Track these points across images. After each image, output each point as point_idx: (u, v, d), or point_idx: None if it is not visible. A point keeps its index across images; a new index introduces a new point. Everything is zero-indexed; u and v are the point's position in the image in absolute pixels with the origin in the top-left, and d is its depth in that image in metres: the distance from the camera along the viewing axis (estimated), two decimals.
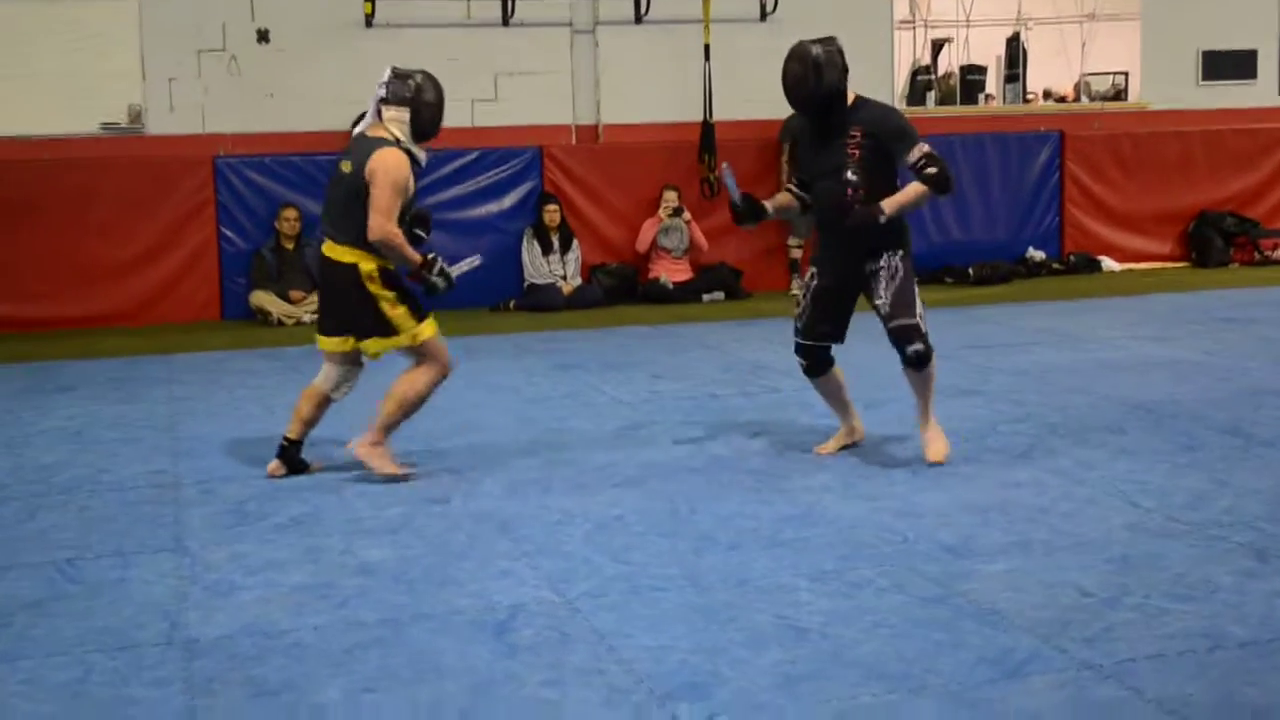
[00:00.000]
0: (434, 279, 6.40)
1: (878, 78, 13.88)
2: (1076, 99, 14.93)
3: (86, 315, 11.84)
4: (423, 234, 6.51)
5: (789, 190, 6.89)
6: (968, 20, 14.68)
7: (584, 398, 8.44)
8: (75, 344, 10.91)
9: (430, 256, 6.39)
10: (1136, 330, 10.52)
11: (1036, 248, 14.24)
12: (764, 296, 12.92)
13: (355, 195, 6.18)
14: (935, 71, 14.63)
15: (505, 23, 12.73)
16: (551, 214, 12.63)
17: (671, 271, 12.91)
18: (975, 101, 14.69)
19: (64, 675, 4.21)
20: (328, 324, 6.44)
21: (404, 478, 6.42)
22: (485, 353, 10.14)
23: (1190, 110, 14.86)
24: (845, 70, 6.55)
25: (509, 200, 12.85)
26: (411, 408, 6.39)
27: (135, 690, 4.08)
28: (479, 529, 5.72)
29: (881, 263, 6.55)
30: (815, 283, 6.74)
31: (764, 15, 13.42)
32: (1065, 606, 4.61)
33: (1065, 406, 7.76)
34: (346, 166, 6.22)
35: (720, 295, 12.81)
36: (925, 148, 6.52)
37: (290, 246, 12.09)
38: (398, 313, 6.28)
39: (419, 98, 6.26)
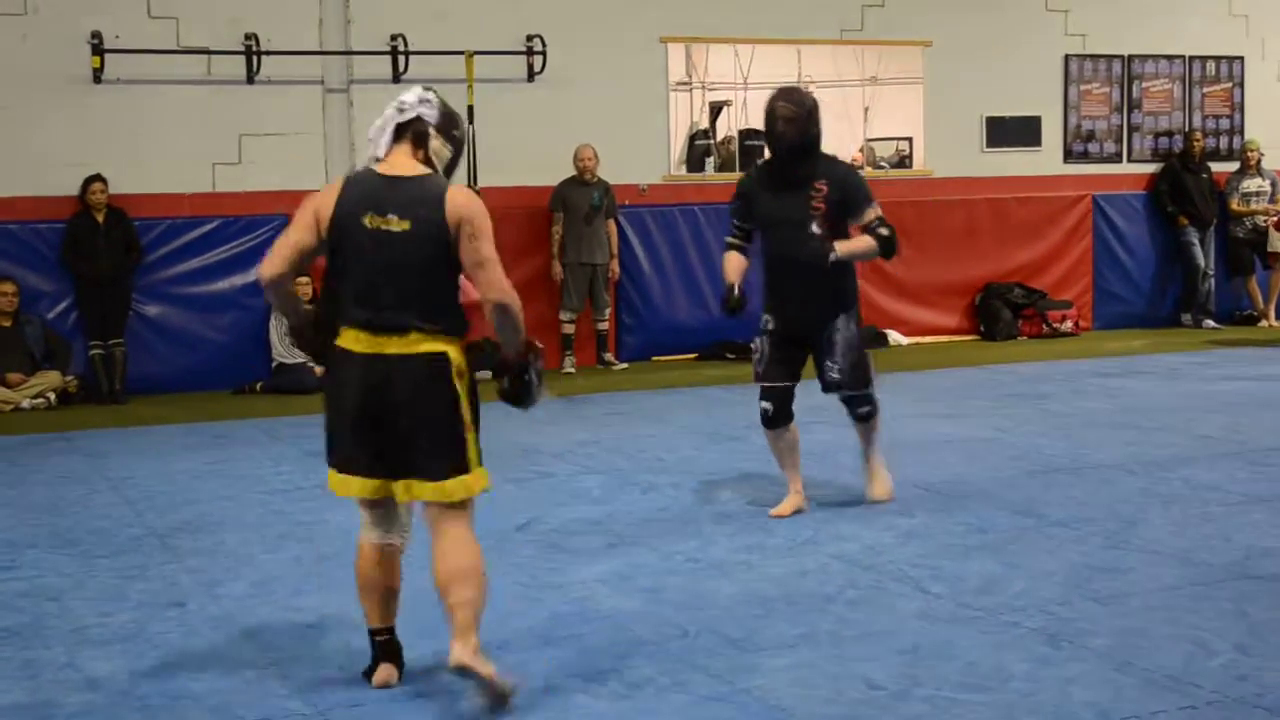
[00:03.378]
0: (534, 377, 5.16)
1: (653, 142, 14.13)
2: (862, 165, 15.34)
3: None
4: None
5: (732, 244, 7.40)
6: (746, 83, 14.99)
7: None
8: None
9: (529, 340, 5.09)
10: (925, 406, 10.82)
11: None
12: None
13: (431, 258, 4.70)
14: (714, 136, 14.90)
15: (250, 80, 12.59)
16: (303, 287, 12.47)
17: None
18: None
19: None
20: (367, 456, 4.75)
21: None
22: (230, 440, 9.95)
23: (975, 178, 15.42)
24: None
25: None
26: (484, 583, 4.84)
27: None
28: (220, 635, 5.58)
29: (838, 325, 7.16)
30: (771, 328, 7.27)
31: (531, 76, 13.53)
32: (854, 701, 4.69)
33: (850, 488, 7.92)
34: (398, 223, 4.67)
35: (486, 375, 12.74)
36: (879, 210, 7.14)
37: (7, 324, 11.70)
38: (472, 438, 4.85)
39: (461, 142, 5.02)
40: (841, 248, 7.05)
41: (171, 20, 12.46)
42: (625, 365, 13.54)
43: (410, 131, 4.87)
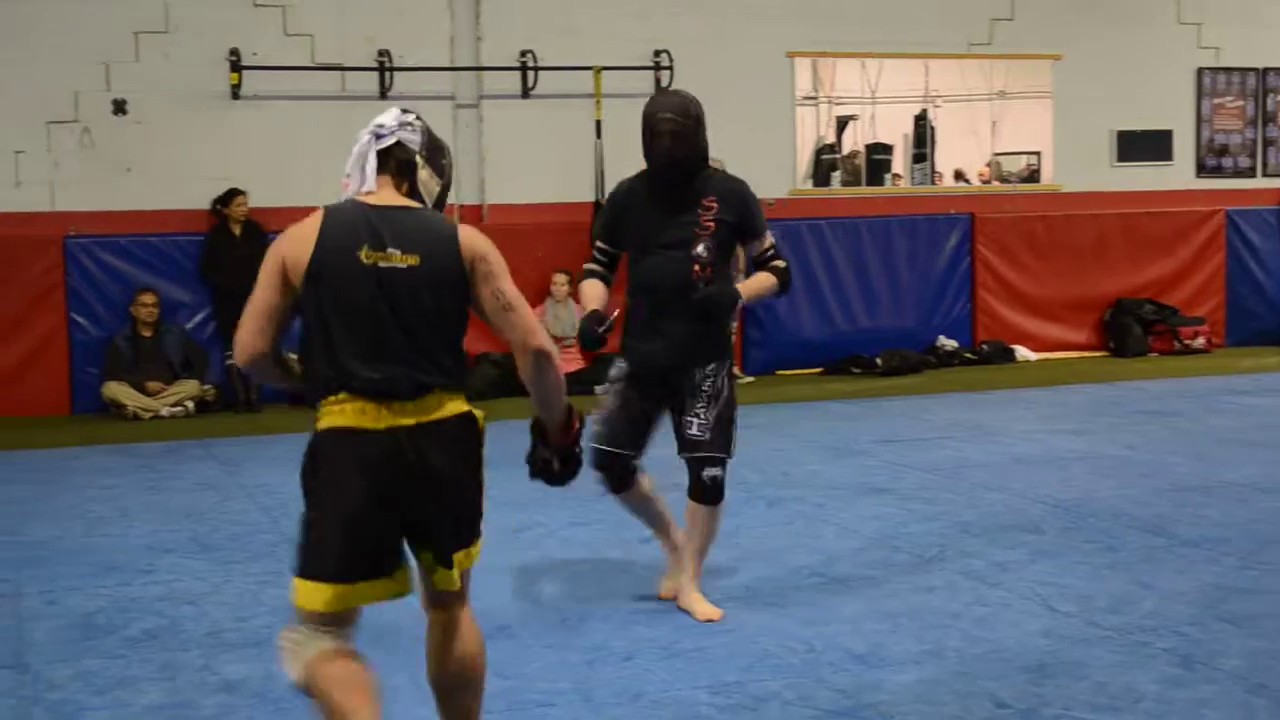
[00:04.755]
0: (578, 442, 4.41)
1: (780, 156, 14.10)
2: (989, 180, 15.21)
3: None
4: None
5: (594, 271, 6.08)
6: (873, 97, 14.92)
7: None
8: None
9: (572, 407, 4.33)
10: (1053, 424, 10.69)
11: (947, 336, 14.44)
12: None
13: (446, 301, 3.93)
14: (840, 150, 14.85)
15: (383, 96, 12.75)
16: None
17: (562, 362, 12.90)
18: (882, 182, 14.90)
19: None
20: (375, 554, 3.88)
21: None
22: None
23: (1105, 193, 15.21)
24: None
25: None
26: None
27: None
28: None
29: (709, 372, 5.88)
30: (630, 378, 5.96)
31: (659, 90, 13.56)
32: (980, 719, 4.64)
33: (979, 505, 7.85)
34: (402, 257, 3.87)
35: None
36: (772, 238, 6.12)
37: (148, 334, 11.94)
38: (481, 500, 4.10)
39: (450, 174, 4.24)
40: (746, 290, 5.94)
41: (307, 38, 12.68)
42: (751, 379, 13.50)
43: (392, 160, 4.07)
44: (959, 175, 15.22)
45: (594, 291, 6.01)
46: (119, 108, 12.22)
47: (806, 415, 11.45)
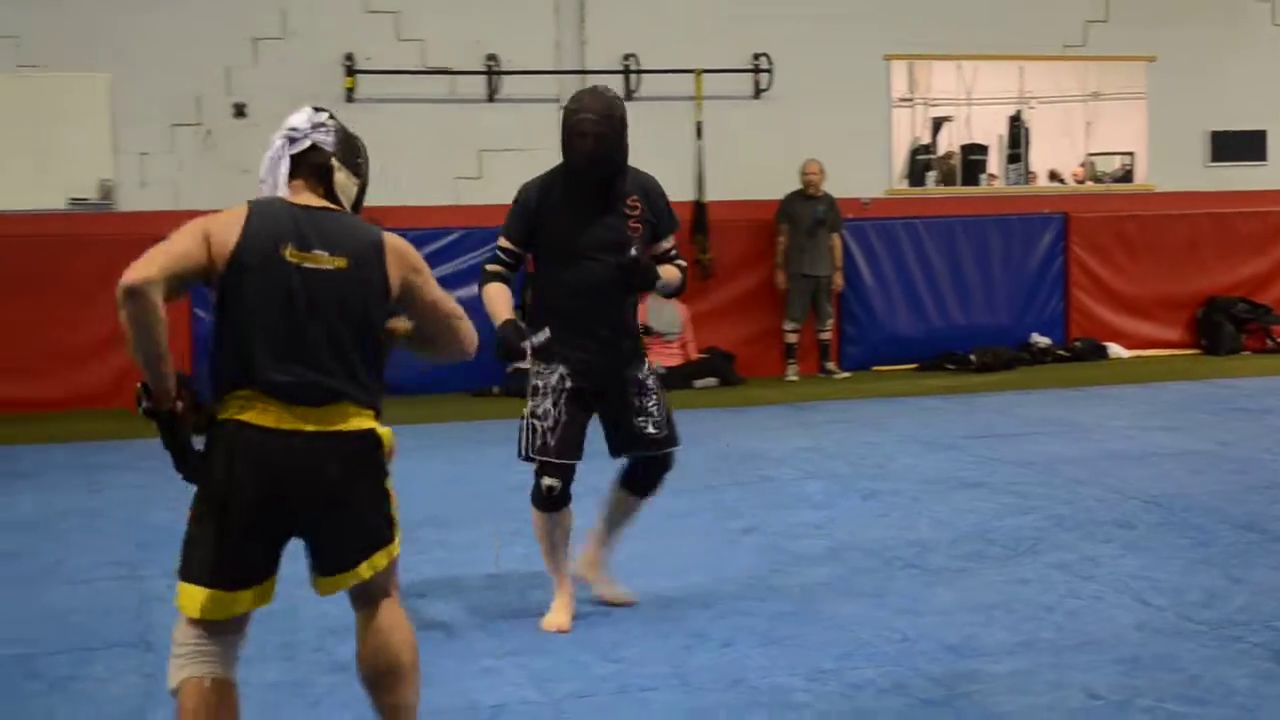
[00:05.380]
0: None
1: (876, 157, 14.04)
2: (1083, 180, 15.04)
3: (51, 398, 11.81)
4: None
5: (497, 273, 5.62)
6: (968, 98, 14.80)
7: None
8: (36, 428, 10.86)
9: None
10: (1146, 420, 10.55)
11: (1041, 333, 14.30)
12: (758, 383, 12.94)
13: (368, 309, 3.78)
14: (935, 150, 14.75)
15: (490, 99, 12.84)
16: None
17: (662, 356, 12.92)
18: (977, 182, 14.78)
19: None
20: (263, 559, 3.73)
21: None
22: (469, 440, 10.12)
23: (1198, 192, 14.98)
24: None
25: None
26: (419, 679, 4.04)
27: None
28: (461, 624, 5.69)
29: (645, 371, 5.72)
30: (569, 385, 5.56)
31: (758, 93, 13.55)
32: (1073, 710, 4.59)
33: (1072, 500, 7.76)
34: (329, 259, 3.71)
35: (713, 381, 12.82)
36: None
37: None
38: (394, 503, 3.92)
39: (366, 173, 4.02)
40: (664, 275, 5.66)
41: (418, 43, 12.78)
42: (847, 374, 13.45)
43: (306, 165, 3.85)
44: (1053, 175, 15.06)
45: (504, 297, 5.55)
46: (239, 111, 12.39)
47: (901, 410, 11.38)
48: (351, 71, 12.55)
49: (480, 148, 12.83)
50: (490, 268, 5.65)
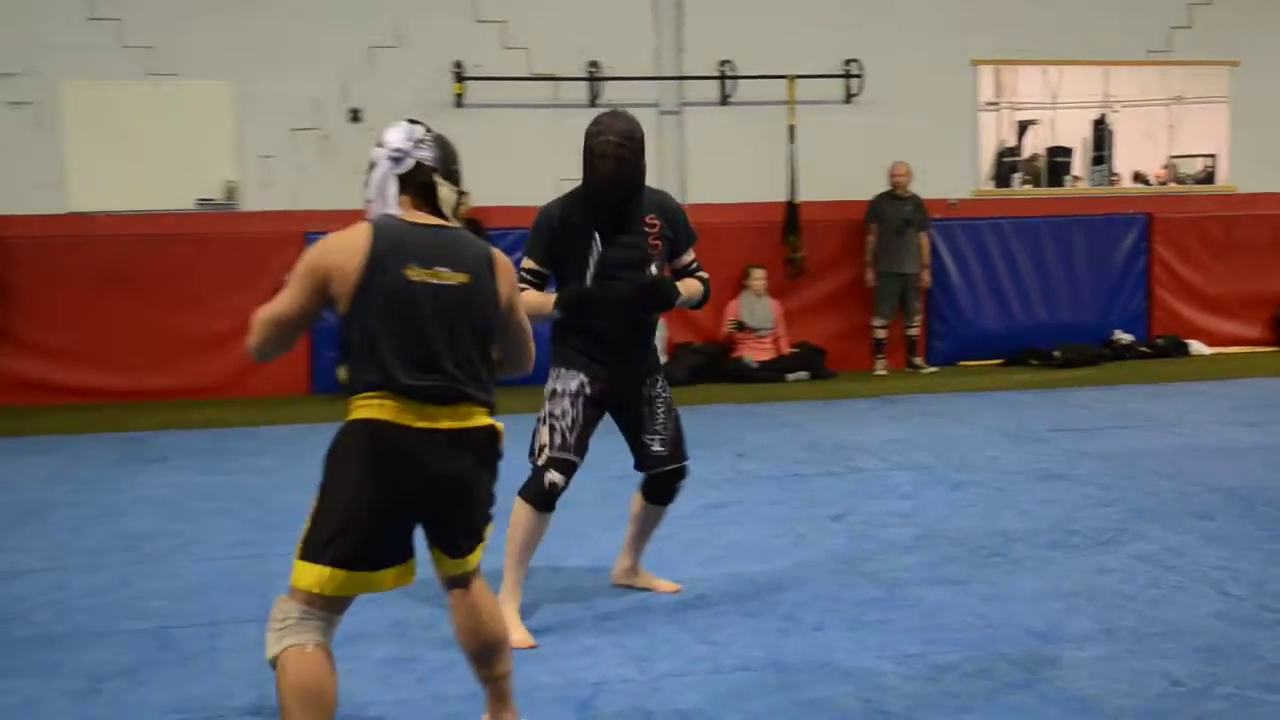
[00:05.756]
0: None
1: (963, 159, 13.94)
2: (1166, 181, 14.83)
3: (178, 387, 12.03)
4: None
5: (531, 283, 5.46)
6: (1054, 102, 14.65)
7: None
8: (168, 415, 11.07)
9: None
10: (1226, 415, 10.39)
11: (1124, 330, 14.13)
12: (848, 376, 12.90)
13: (485, 319, 3.93)
14: (1021, 153, 14.61)
15: (592, 104, 12.87)
16: None
17: (756, 351, 12.93)
18: (1061, 183, 14.64)
19: None
20: (391, 544, 3.83)
21: None
22: None
23: (1279, 194, 14.73)
24: None
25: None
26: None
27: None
28: (562, 605, 5.73)
29: (659, 389, 5.63)
30: (588, 392, 5.47)
31: (849, 97, 13.50)
32: (1154, 696, 4.54)
33: (1153, 491, 7.67)
34: (450, 275, 3.83)
35: (804, 375, 12.79)
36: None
37: None
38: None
39: (460, 180, 4.10)
40: (685, 290, 5.53)
41: (524, 50, 12.86)
42: (934, 369, 13.38)
43: (413, 183, 3.93)
44: (1137, 177, 14.87)
45: (540, 296, 5.44)
46: (355, 115, 12.53)
47: (986, 404, 11.29)
48: (461, 78, 12.66)
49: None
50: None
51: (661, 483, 5.74)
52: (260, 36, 12.40)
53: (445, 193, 3.93)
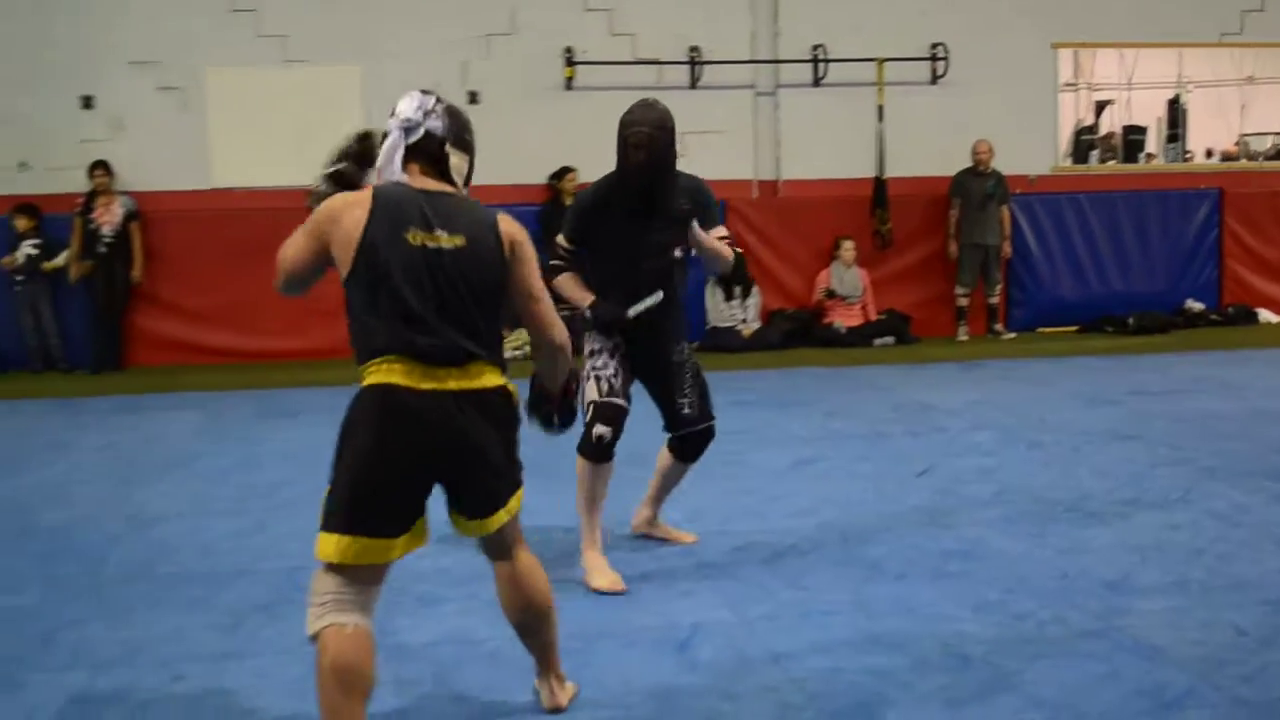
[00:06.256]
0: (578, 403, 4.40)
1: (1042, 137, 13.71)
2: (1237, 158, 14.51)
3: (309, 348, 12.18)
4: None
5: (563, 266, 5.45)
6: (1129, 83, 14.37)
7: (761, 433, 8.42)
8: (300, 374, 11.23)
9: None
10: None
11: (1195, 299, 13.85)
12: (931, 342, 12.77)
13: (487, 281, 3.67)
14: (1098, 131, 14.36)
15: (693, 85, 12.84)
16: None
17: (845, 317, 12.85)
18: (1136, 160, 14.37)
19: (291, 672, 4.32)
20: (408, 511, 3.63)
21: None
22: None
23: None
24: None
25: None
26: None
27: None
28: (663, 552, 5.74)
29: (686, 354, 5.54)
30: (623, 351, 5.44)
31: (935, 79, 13.32)
32: (1221, 644, 4.46)
33: (1223, 452, 7.52)
34: (448, 239, 3.62)
35: (890, 340, 12.68)
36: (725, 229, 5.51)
37: None
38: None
39: (473, 149, 3.89)
40: (706, 241, 5.34)
41: (629, 36, 12.82)
42: (1013, 335, 13.22)
43: (421, 152, 3.74)
44: (1209, 153, 14.56)
45: (576, 281, 5.42)
46: (472, 98, 12.56)
47: (1063, 369, 11.13)
48: (571, 62, 12.66)
49: (683, 130, 12.68)
50: (555, 262, 5.42)
51: (690, 442, 5.64)
52: (386, 25, 12.48)
53: (455, 160, 3.75)
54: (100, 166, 11.88)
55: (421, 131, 3.73)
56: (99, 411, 9.93)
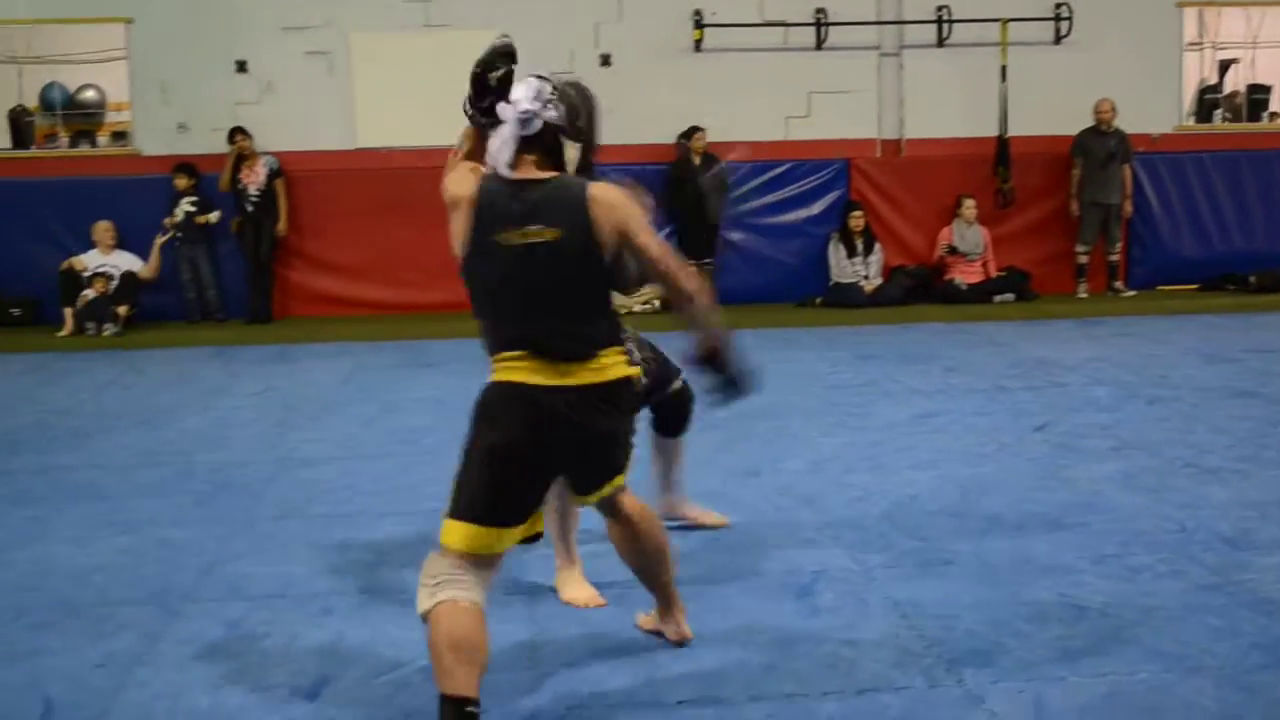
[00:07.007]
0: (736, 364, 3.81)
1: (1166, 96, 13.33)
2: None
3: (450, 301, 12.26)
4: None
5: None
6: (1254, 42, 13.89)
7: (883, 386, 8.36)
8: (440, 326, 11.36)
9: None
10: None
11: None
12: (1051, 299, 12.53)
13: (587, 269, 3.53)
14: (1222, 90, 13.91)
15: (818, 47, 12.68)
16: (856, 220, 12.53)
17: (965, 274, 12.65)
18: (1260, 119, 13.90)
19: None
20: (531, 500, 3.61)
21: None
22: (794, 344, 10.16)
23: None
24: None
25: (817, 207, 12.79)
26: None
27: (497, 626, 3.91)
28: (786, 501, 5.74)
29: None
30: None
31: (1058, 39, 13.01)
32: None
33: None
34: (545, 232, 3.48)
35: (1010, 296, 12.47)
36: None
37: None
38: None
39: (591, 134, 3.77)
40: None
41: None
42: (1133, 293, 12.91)
43: (539, 148, 3.60)
44: None
45: None
46: (605, 60, 12.56)
47: (1183, 326, 10.87)
48: (699, 25, 12.57)
49: (809, 90, 12.71)
50: None
51: (666, 413, 5.11)
52: None
53: (571, 153, 3.63)
54: (239, 131, 12.09)
55: (539, 123, 3.58)
56: (252, 360, 10.18)
